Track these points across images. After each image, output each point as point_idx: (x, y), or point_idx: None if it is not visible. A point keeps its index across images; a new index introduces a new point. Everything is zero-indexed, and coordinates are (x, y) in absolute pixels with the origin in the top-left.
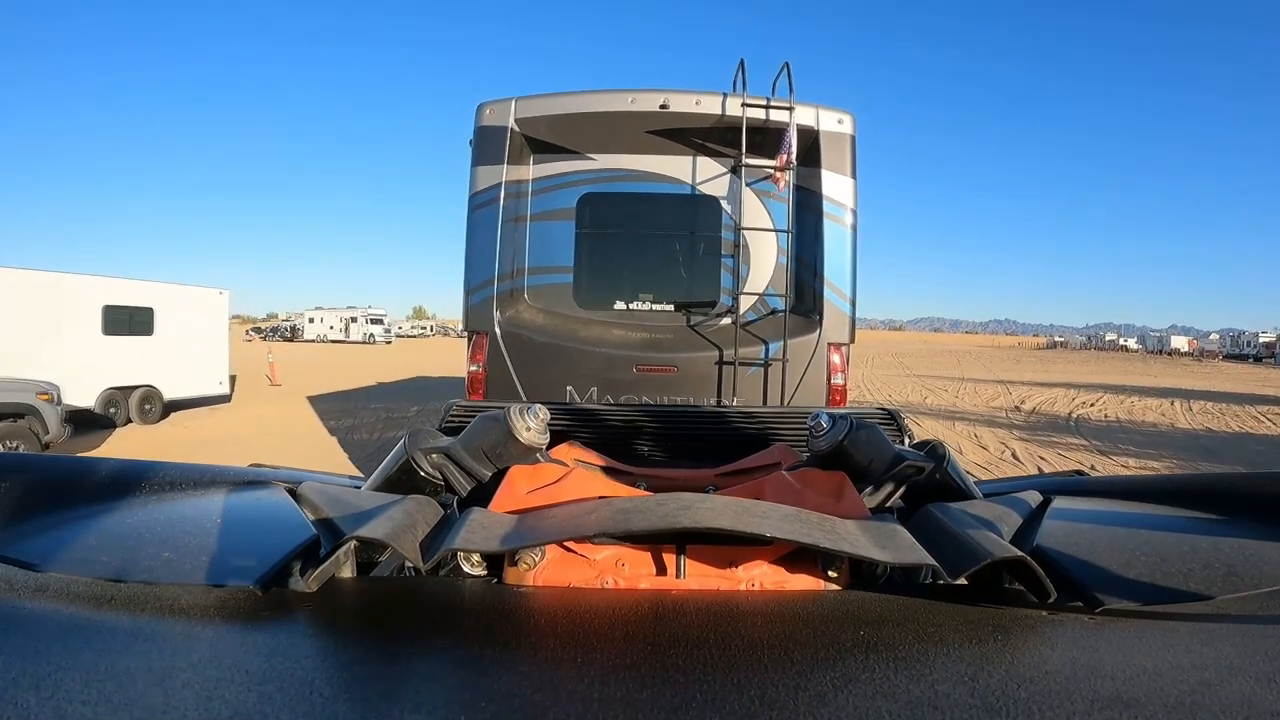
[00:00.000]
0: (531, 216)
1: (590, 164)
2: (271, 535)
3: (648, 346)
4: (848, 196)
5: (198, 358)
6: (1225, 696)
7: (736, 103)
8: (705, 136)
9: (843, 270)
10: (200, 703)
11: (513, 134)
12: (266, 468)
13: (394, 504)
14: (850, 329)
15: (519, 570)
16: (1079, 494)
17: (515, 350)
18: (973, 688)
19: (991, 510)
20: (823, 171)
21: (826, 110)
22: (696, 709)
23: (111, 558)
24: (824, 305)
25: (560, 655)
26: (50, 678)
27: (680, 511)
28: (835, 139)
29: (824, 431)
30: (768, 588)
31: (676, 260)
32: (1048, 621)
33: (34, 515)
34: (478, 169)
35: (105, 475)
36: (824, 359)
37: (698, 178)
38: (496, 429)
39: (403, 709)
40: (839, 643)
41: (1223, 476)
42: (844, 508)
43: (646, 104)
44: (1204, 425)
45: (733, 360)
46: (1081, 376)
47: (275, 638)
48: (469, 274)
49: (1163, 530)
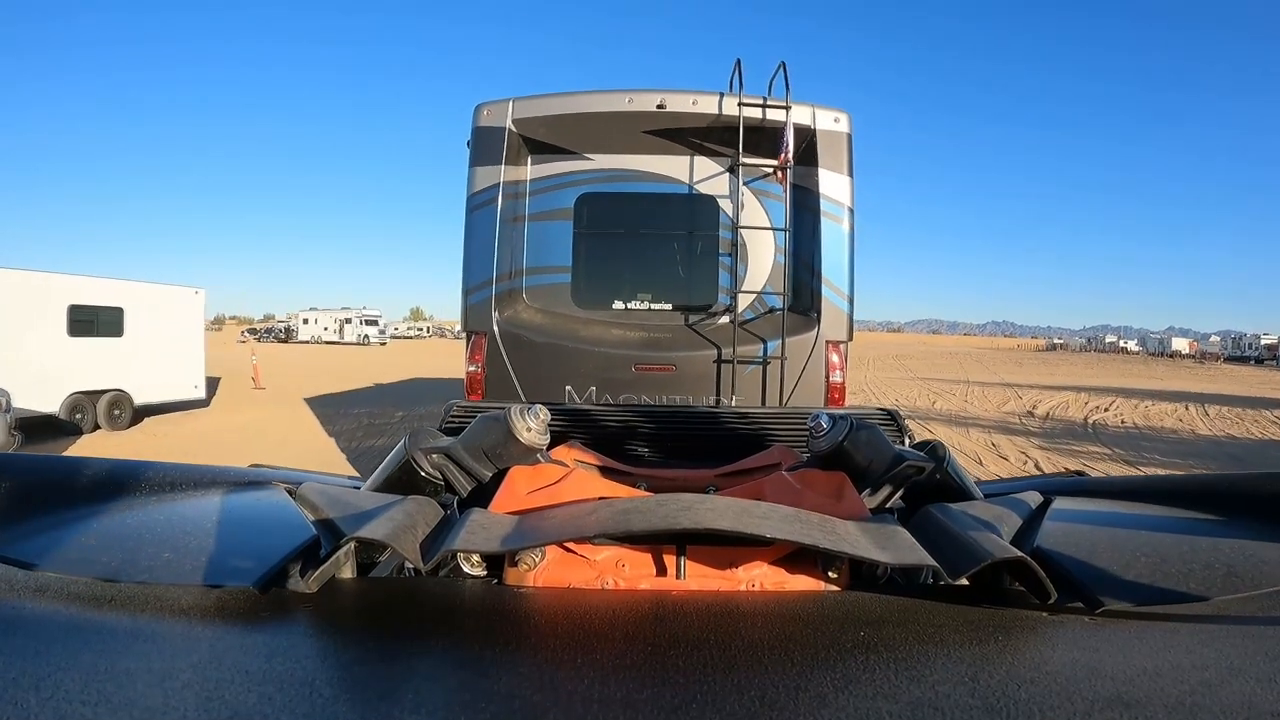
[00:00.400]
0: (529, 217)
1: (588, 164)
2: (271, 536)
3: (646, 346)
4: (845, 195)
5: (171, 360)
6: (1225, 697)
7: (733, 102)
8: (702, 136)
9: (840, 268)
10: (200, 703)
11: (510, 134)
12: (266, 468)
13: (394, 504)
14: (849, 327)
15: (519, 571)
16: (1079, 494)
17: (514, 350)
18: (973, 688)
19: (992, 511)
20: (820, 170)
21: (823, 109)
22: (696, 709)
23: (111, 558)
24: (822, 303)
25: (560, 656)
26: (50, 678)
27: (680, 512)
28: (832, 138)
29: (824, 432)
30: (768, 588)
31: (674, 260)
32: (1048, 622)
33: (34, 515)
34: (475, 169)
35: (105, 475)
36: (822, 357)
37: (695, 177)
38: (497, 429)
39: (403, 709)
40: (839, 643)
41: (1223, 477)
42: (844, 508)
43: (644, 104)
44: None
45: (731, 359)
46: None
47: (275, 638)
48: (467, 274)
49: (1163, 530)
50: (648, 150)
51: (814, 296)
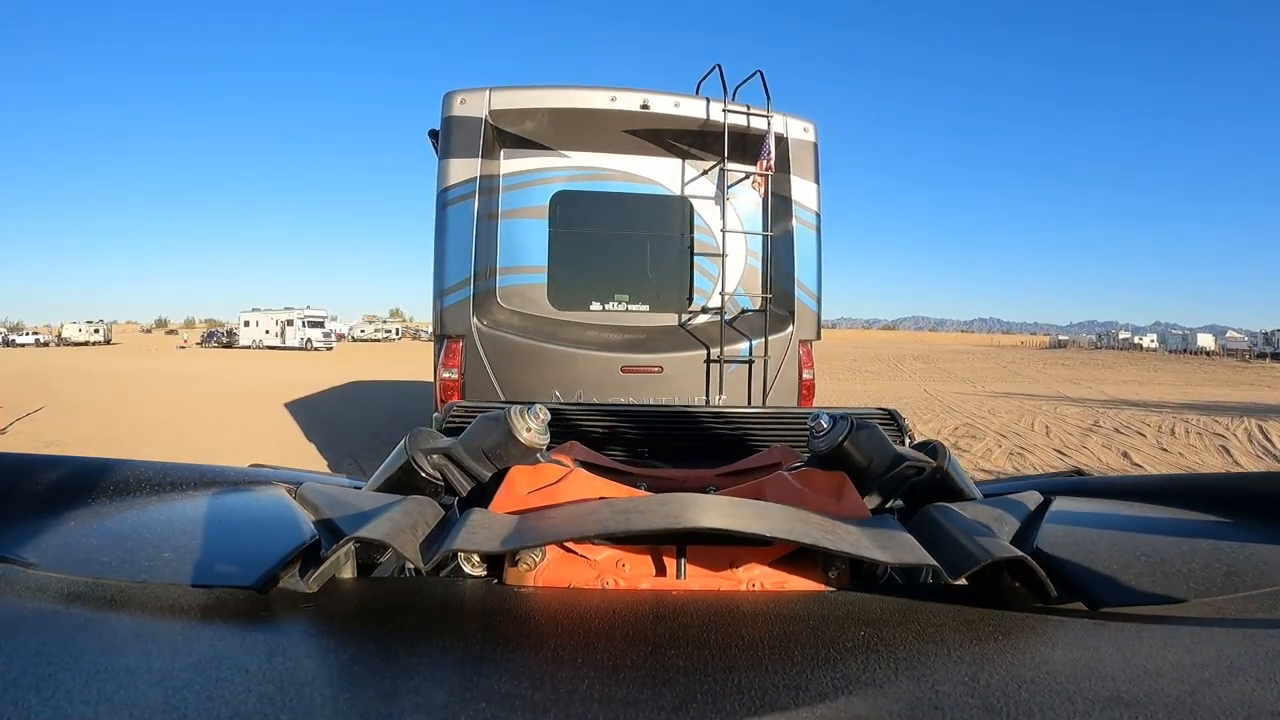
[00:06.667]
0: (502, 214)
1: (564, 161)
2: (272, 536)
3: (632, 347)
4: (813, 201)
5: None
6: (1225, 696)
7: (717, 108)
8: (681, 139)
9: (811, 271)
10: (200, 703)
11: (486, 125)
12: (267, 468)
13: (394, 504)
14: (817, 327)
15: (519, 571)
16: (1079, 494)
17: (495, 354)
18: (973, 688)
19: (992, 511)
20: (791, 177)
21: (794, 119)
22: (696, 709)
23: (111, 558)
24: (795, 305)
25: (560, 655)
26: (50, 678)
27: (680, 512)
28: (802, 147)
29: (824, 432)
30: (768, 588)
31: (650, 261)
32: (1048, 622)
33: (34, 515)
34: (450, 162)
35: (106, 475)
36: (796, 355)
37: (672, 179)
38: (497, 429)
39: (403, 709)
40: (839, 643)
41: (1223, 476)
42: (844, 508)
43: (628, 103)
44: None
45: (719, 359)
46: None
47: (275, 638)
48: (442, 274)
49: (1163, 530)
50: (626, 150)
51: (787, 298)
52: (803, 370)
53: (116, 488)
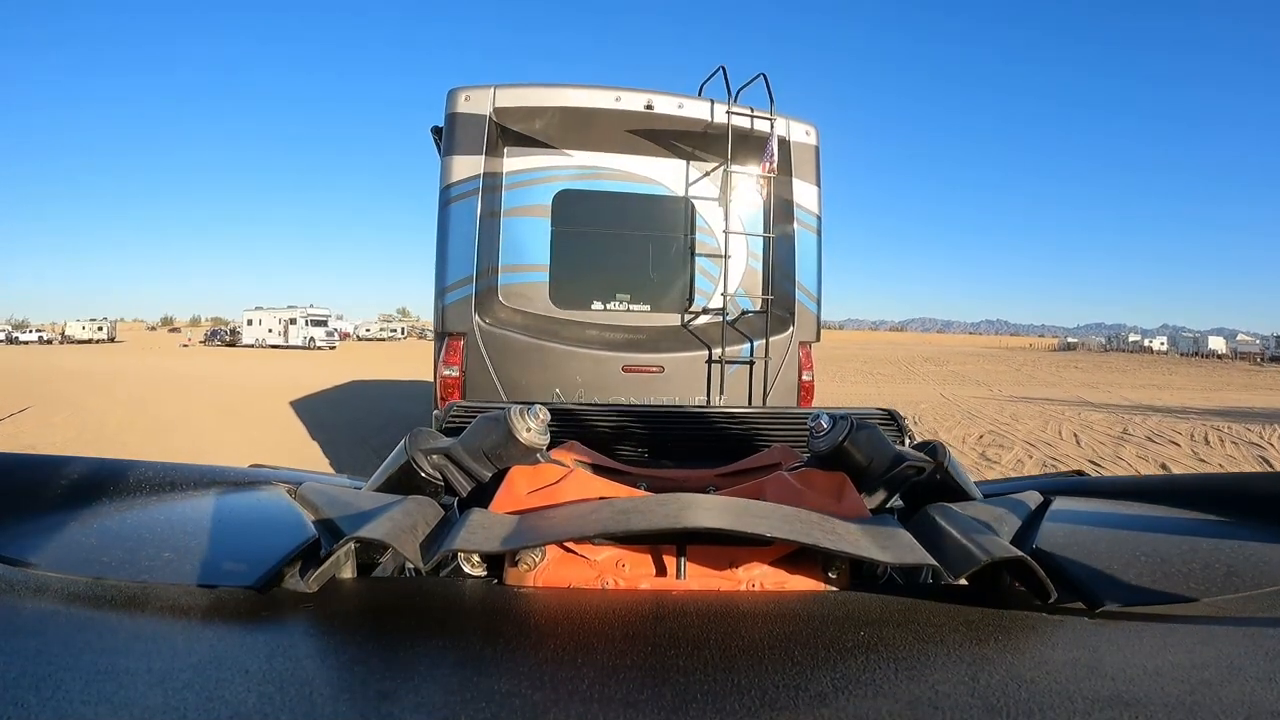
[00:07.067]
0: (505, 212)
1: (566, 160)
2: (272, 535)
3: (634, 347)
4: (814, 204)
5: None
6: (1225, 696)
7: (721, 110)
8: (684, 140)
9: (811, 273)
10: (201, 703)
11: (490, 123)
12: (267, 468)
13: (394, 504)
14: (817, 328)
15: (519, 571)
16: (1079, 494)
17: (497, 353)
18: (973, 688)
19: (992, 511)
20: (793, 180)
21: (796, 122)
22: (696, 709)
23: (111, 558)
24: (796, 306)
25: (560, 655)
26: (50, 678)
27: (681, 512)
28: (804, 150)
29: (824, 432)
30: (768, 588)
31: (653, 261)
32: (1048, 622)
33: (33, 515)
34: (454, 159)
35: (106, 475)
36: (796, 357)
37: (675, 180)
38: (497, 430)
39: (403, 709)
40: (839, 643)
41: (1223, 476)
42: (844, 508)
43: (632, 103)
44: None
45: (721, 359)
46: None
47: (275, 638)
48: (444, 272)
49: (1163, 530)
50: (629, 150)
51: (788, 300)
52: (802, 371)
53: (117, 488)
